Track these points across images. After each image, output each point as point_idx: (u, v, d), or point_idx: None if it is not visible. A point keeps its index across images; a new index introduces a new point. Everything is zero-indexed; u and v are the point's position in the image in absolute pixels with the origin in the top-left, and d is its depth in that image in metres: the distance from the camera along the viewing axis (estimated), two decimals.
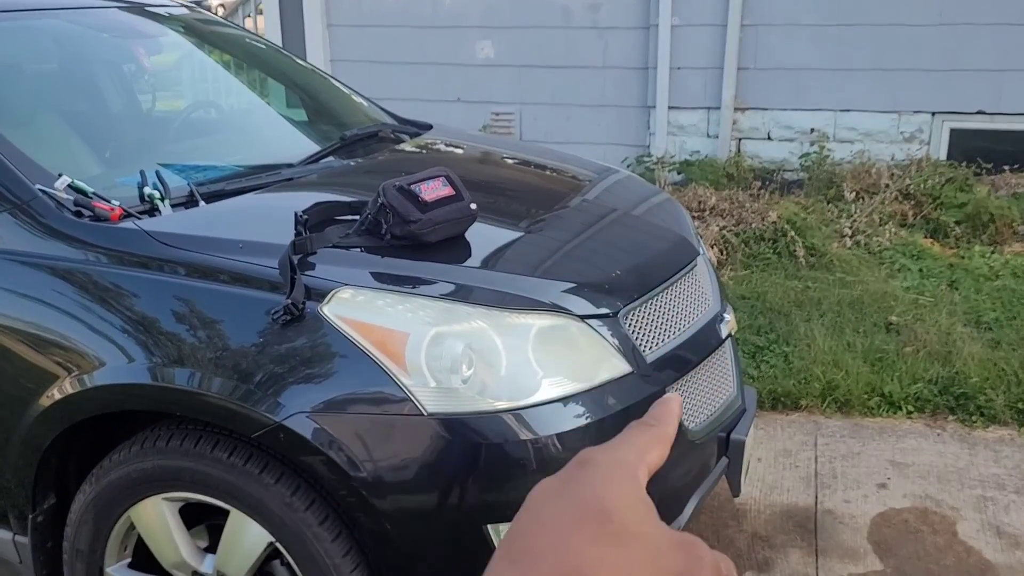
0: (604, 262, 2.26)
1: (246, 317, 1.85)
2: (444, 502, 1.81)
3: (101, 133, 2.64)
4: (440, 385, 1.78)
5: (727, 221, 5.01)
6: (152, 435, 1.92)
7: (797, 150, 6.03)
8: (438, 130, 3.21)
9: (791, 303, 4.29)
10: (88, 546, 2.01)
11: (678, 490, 2.14)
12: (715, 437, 2.27)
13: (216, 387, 1.81)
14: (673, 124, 6.24)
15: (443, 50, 6.59)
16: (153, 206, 2.07)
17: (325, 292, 1.82)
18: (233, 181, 2.31)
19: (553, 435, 1.84)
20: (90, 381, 1.91)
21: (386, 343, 1.79)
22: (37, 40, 2.68)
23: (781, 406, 3.57)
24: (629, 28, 6.21)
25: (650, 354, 2.08)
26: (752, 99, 6.07)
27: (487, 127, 6.50)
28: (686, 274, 2.38)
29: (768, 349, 3.91)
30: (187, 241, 1.94)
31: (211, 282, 1.88)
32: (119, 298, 1.92)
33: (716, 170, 5.90)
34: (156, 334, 1.89)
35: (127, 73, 2.95)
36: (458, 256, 2.08)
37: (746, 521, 2.86)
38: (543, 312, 1.94)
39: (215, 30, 3.45)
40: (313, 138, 2.99)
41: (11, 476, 2.04)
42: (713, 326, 2.39)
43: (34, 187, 1.99)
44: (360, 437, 1.78)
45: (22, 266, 1.97)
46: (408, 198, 2.00)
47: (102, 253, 1.95)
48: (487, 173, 2.93)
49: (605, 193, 2.78)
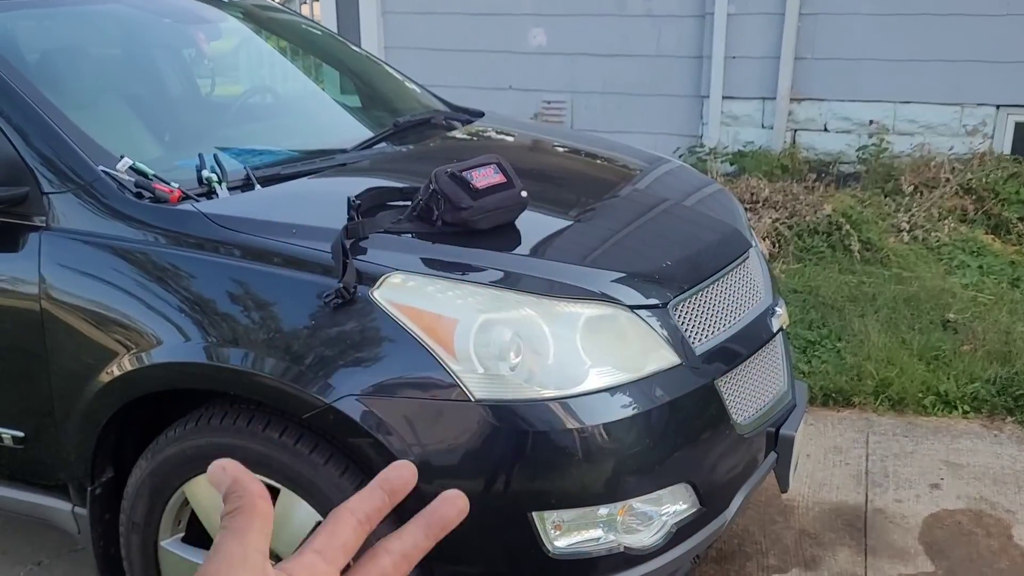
0: (654, 252, 2.24)
1: (298, 299, 1.87)
2: (490, 487, 1.82)
3: (161, 117, 2.70)
4: (488, 372, 1.79)
5: (780, 213, 4.93)
6: (207, 413, 1.96)
7: (854, 142, 5.90)
8: (490, 117, 3.21)
9: (845, 298, 4.21)
10: (143, 519, 2.07)
11: (725, 484, 2.12)
12: (764, 432, 2.24)
13: (268, 368, 1.84)
14: (727, 114, 6.16)
15: (496, 38, 6.58)
16: (211, 189, 2.10)
17: (376, 277, 1.83)
18: (288, 165, 2.34)
19: (600, 425, 1.83)
20: (148, 359, 1.95)
21: (435, 328, 1.80)
22: (102, 24, 2.74)
23: (832, 402, 3.51)
24: (684, 16, 6.14)
25: (699, 346, 2.06)
26: (809, 89, 5.95)
27: (538, 115, 6.49)
28: (737, 266, 2.35)
29: (820, 344, 3.85)
30: (243, 224, 1.97)
31: (265, 264, 1.91)
32: (176, 278, 1.96)
33: (770, 161, 5.81)
34: (211, 314, 1.92)
35: (187, 58, 3.00)
36: (508, 243, 2.08)
37: (794, 517, 2.83)
38: (592, 301, 1.93)
39: (272, 16, 3.49)
40: (366, 124, 3.01)
41: (71, 449, 2.11)
42: (764, 319, 2.36)
43: (97, 168, 2.04)
44: (408, 421, 1.80)
45: (84, 245, 2.02)
46: (460, 185, 2.00)
47: (161, 234, 1.99)
48: (538, 161, 2.93)
49: (656, 183, 2.76)
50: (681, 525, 1.98)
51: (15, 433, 2.18)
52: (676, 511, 1.98)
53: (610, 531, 1.90)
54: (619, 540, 1.90)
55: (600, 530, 1.89)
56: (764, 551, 2.68)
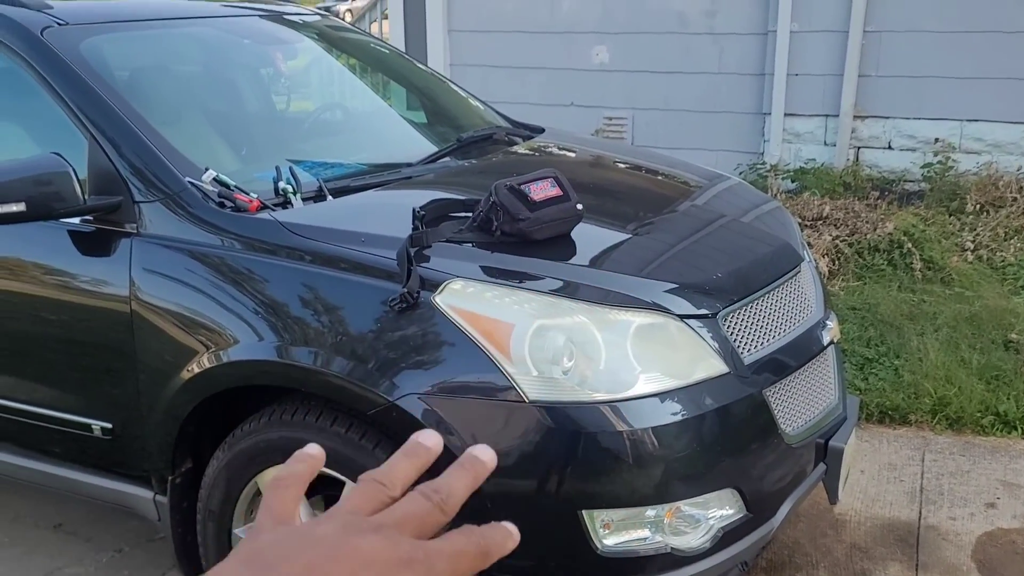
0: (706, 265, 2.31)
1: (365, 303, 2.00)
2: (543, 486, 1.91)
3: (240, 131, 2.87)
4: (542, 375, 1.88)
5: (841, 231, 4.92)
6: (279, 409, 2.10)
7: (919, 160, 5.85)
8: (550, 133, 3.31)
9: (904, 316, 4.19)
10: (219, 508, 2.21)
11: (772, 492, 2.17)
12: (813, 443, 2.29)
13: (336, 367, 1.97)
14: (789, 131, 6.16)
15: (558, 55, 6.70)
16: (286, 199, 2.25)
17: (438, 283, 1.95)
18: (358, 178, 2.48)
19: (648, 428, 1.91)
20: (225, 357, 2.10)
21: (492, 332, 1.90)
22: (188, 45, 2.93)
23: (889, 420, 3.51)
24: (746, 34, 6.17)
25: (748, 356, 2.12)
26: (872, 107, 5.92)
27: (599, 131, 6.57)
28: (789, 279, 2.40)
29: (878, 362, 3.84)
30: (316, 232, 2.11)
31: (335, 270, 2.04)
32: (252, 282, 2.11)
33: (832, 179, 5.79)
34: (284, 316, 2.06)
35: (265, 76, 3.18)
36: (563, 254, 2.18)
37: (845, 532, 2.85)
38: (643, 310, 2.01)
39: (344, 36, 3.66)
40: (431, 139, 3.14)
41: (155, 441, 2.26)
42: (815, 332, 2.40)
43: (184, 179, 2.20)
44: (466, 419, 1.90)
45: (170, 250, 2.18)
46: (518, 197, 2.11)
47: (240, 241, 2.14)
48: (597, 176, 3.02)
49: (714, 199, 2.83)
50: (728, 529, 2.04)
51: (104, 424, 2.34)
52: (723, 515, 2.04)
53: (657, 532, 1.97)
54: (666, 541, 1.97)
55: (648, 530, 1.96)
56: (814, 563, 2.71)
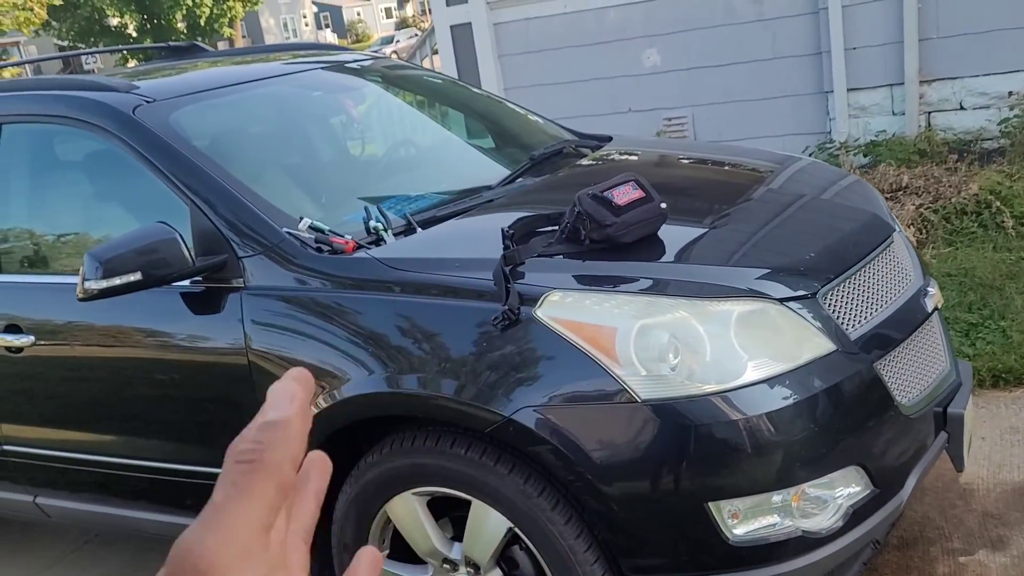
0: (797, 247, 2.31)
1: (469, 325, 2.06)
2: (665, 483, 1.93)
3: (323, 178, 2.98)
4: (650, 373, 1.91)
5: (923, 199, 4.81)
6: (399, 437, 2.17)
7: (994, 116, 5.67)
8: (618, 140, 3.35)
9: (1004, 276, 4.06)
10: (353, 540, 2.29)
11: (897, 465, 2.14)
12: (931, 412, 2.25)
13: (448, 389, 2.03)
14: (854, 106, 6.05)
15: (610, 63, 6.73)
16: (379, 237, 2.34)
17: (536, 297, 2.00)
18: (442, 208, 2.56)
19: (763, 414, 1.92)
20: (339, 394, 2.18)
21: (597, 338, 1.94)
22: (266, 104, 3.07)
23: (1003, 383, 3.40)
24: (796, 15, 6.10)
25: (854, 332, 2.11)
26: (938, 69, 5.78)
27: (661, 133, 6.57)
28: (883, 251, 2.38)
29: (983, 325, 3.73)
30: (412, 264, 2.18)
31: (436, 297, 2.11)
32: (358, 319, 2.19)
33: (906, 148, 5.66)
34: (391, 348, 2.13)
35: (339, 124, 3.30)
36: (654, 253, 2.21)
37: (975, 500, 2.77)
38: (742, 298, 2.02)
39: (403, 74, 3.77)
40: (503, 161, 3.21)
41: None
42: (917, 300, 2.37)
43: (282, 231, 2.31)
44: (582, 425, 1.94)
45: (276, 300, 2.29)
46: (602, 204, 2.15)
47: (341, 282, 2.23)
48: (671, 175, 3.04)
49: (790, 181, 2.82)
50: (857, 507, 2.02)
51: None
52: (850, 494, 2.03)
53: (786, 516, 1.96)
54: (796, 524, 1.97)
55: (776, 516, 1.96)
56: (947, 535, 2.64)
